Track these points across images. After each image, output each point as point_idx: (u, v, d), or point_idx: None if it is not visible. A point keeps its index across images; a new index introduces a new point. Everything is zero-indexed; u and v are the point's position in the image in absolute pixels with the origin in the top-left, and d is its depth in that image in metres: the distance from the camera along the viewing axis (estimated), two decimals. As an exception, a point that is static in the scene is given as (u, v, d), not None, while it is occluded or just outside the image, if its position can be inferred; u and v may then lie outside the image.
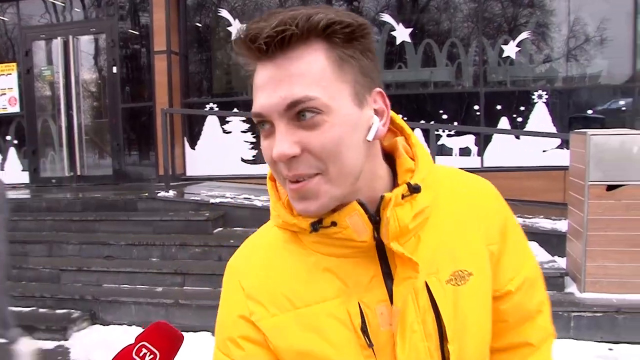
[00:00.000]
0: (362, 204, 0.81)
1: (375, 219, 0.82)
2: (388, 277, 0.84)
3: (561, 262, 4.74)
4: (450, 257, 0.87)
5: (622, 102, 7.25)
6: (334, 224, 0.81)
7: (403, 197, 0.82)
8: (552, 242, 5.04)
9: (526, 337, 0.98)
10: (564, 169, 4.64)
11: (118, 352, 0.82)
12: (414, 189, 0.82)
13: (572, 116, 7.28)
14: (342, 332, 0.83)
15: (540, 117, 7.22)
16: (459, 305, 0.86)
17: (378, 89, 0.82)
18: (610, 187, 4.13)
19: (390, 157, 0.89)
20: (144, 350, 0.83)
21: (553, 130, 7.15)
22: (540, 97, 7.23)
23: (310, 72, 0.74)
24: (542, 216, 5.81)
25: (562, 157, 6.34)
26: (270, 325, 0.85)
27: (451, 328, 0.84)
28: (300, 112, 0.74)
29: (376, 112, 0.81)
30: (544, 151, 7.07)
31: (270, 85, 0.75)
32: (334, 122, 0.75)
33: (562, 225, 5.14)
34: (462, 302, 0.86)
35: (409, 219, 0.82)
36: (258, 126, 0.80)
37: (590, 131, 4.26)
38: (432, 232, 0.87)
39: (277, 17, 0.73)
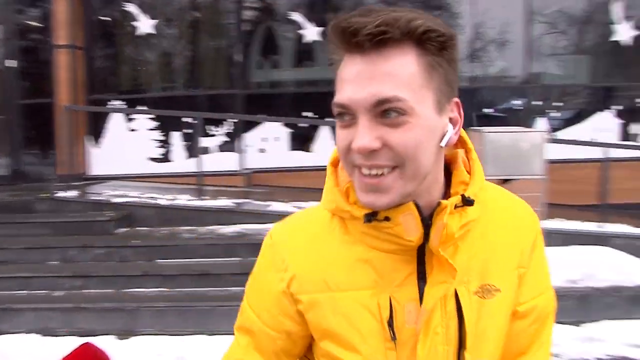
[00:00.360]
0: (417, 206, 0.83)
1: (427, 223, 0.84)
2: (422, 278, 0.88)
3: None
4: (482, 270, 0.90)
5: (519, 102, 7.68)
6: (387, 218, 0.84)
7: (455, 207, 0.85)
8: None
9: None
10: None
11: None
12: (468, 202, 0.86)
13: (477, 114, 7.62)
14: (369, 321, 0.88)
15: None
16: (482, 317, 0.89)
17: (456, 99, 0.87)
18: (505, 181, 4.35)
19: (445, 167, 0.92)
20: None
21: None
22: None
23: (402, 74, 0.78)
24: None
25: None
26: (305, 299, 0.92)
27: (471, 337, 0.88)
28: (385, 111, 0.77)
29: (451, 120, 0.86)
30: (448, 148, 7.36)
31: (360, 80, 0.78)
32: (416, 124, 0.78)
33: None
34: (485, 314, 0.89)
35: (456, 229, 0.86)
36: (337, 116, 0.82)
37: (485, 129, 4.48)
38: (470, 244, 0.90)
39: (380, 16, 0.76)
